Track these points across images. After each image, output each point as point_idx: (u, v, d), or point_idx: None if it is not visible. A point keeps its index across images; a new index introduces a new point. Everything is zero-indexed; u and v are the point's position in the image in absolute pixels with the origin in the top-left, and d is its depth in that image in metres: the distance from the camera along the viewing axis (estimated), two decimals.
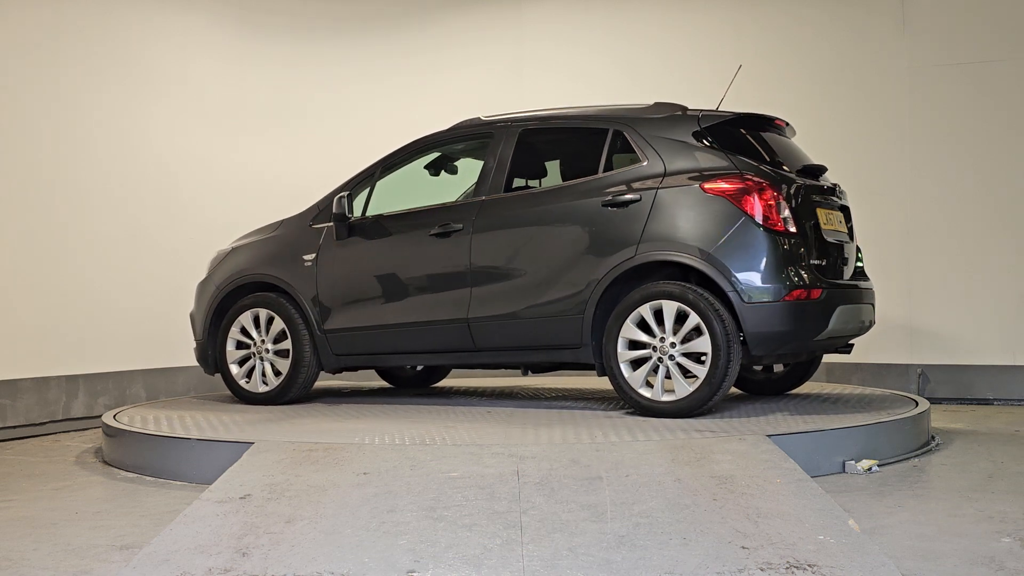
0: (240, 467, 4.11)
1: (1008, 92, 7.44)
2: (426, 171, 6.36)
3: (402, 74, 8.56)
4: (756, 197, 5.14)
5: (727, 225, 5.14)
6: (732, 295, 5.07)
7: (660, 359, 5.18)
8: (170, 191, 7.69)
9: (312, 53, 8.46)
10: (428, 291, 5.76)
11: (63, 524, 4.00)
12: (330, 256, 6.01)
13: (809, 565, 2.94)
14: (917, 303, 7.65)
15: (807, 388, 6.62)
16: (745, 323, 5.07)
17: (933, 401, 6.97)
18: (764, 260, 5.09)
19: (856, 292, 5.56)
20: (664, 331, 5.16)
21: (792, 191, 5.31)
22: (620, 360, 5.24)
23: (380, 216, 6.00)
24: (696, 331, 5.11)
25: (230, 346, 6.21)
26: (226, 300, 6.28)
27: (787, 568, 2.92)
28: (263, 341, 6.13)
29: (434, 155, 6.32)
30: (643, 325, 5.23)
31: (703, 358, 5.12)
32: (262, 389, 6.12)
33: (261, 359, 6.14)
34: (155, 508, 4.23)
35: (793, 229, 5.19)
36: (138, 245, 7.43)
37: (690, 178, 5.29)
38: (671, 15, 8.36)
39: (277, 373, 6.10)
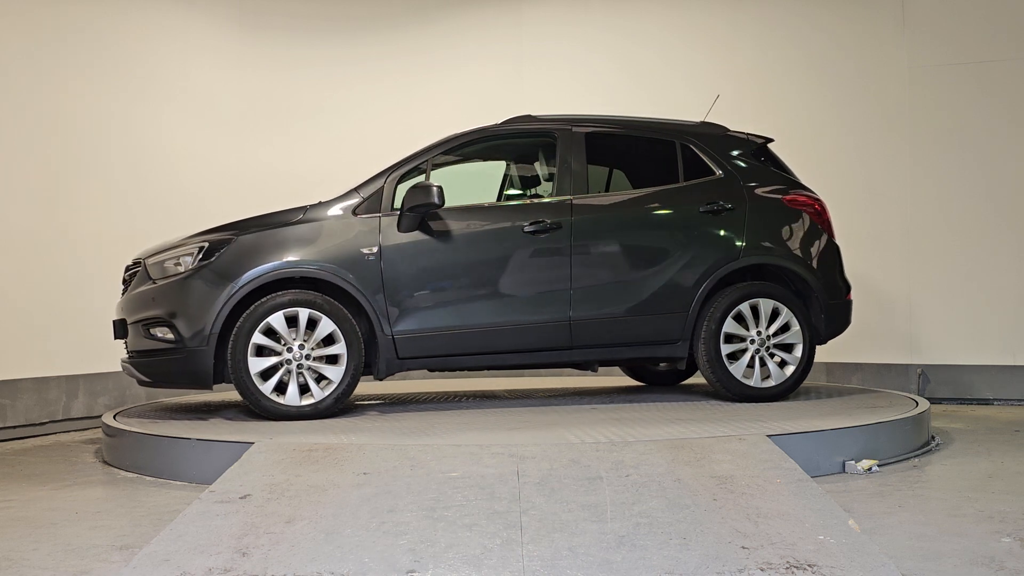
0: (240, 467, 4.11)
1: (1008, 92, 7.44)
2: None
3: (402, 74, 8.55)
4: (824, 211, 6.10)
5: (808, 235, 6.00)
6: (820, 295, 5.92)
7: (757, 350, 5.79)
8: (172, 191, 7.69)
9: (313, 53, 8.46)
10: (526, 290, 5.61)
11: (63, 524, 4.00)
12: (399, 250, 5.47)
13: (809, 565, 2.94)
14: (917, 303, 7.65)
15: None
16: (828, 318, 5.96)
17: (933, 401, 6.98)
18: (836, 265, 6.08)
19: None
20: (760, 326, 5.79)
21: None
22: (723, 353, 5.74)
23: (456, 209, 5.65)
24: (784, 326, 5.82)
25: (250, 353, 5.27)
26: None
27: (787, 568, 2.92)
28: (301, 346, 5.32)
29: (484, 147, 6.20)
30: (735, 321, 5.82)
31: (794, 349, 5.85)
32: (307, 402, 5.30)
33: (299, 367, 5.32)
34: (155, 508, 4.23)
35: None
36: (140, 245, 7.41)
37: (764, 192, 6.01)
38: (671, 14, 8.36)
39: (319, 381, 5.34)
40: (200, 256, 5.40)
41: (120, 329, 5.61)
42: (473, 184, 6.54)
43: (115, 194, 7.37)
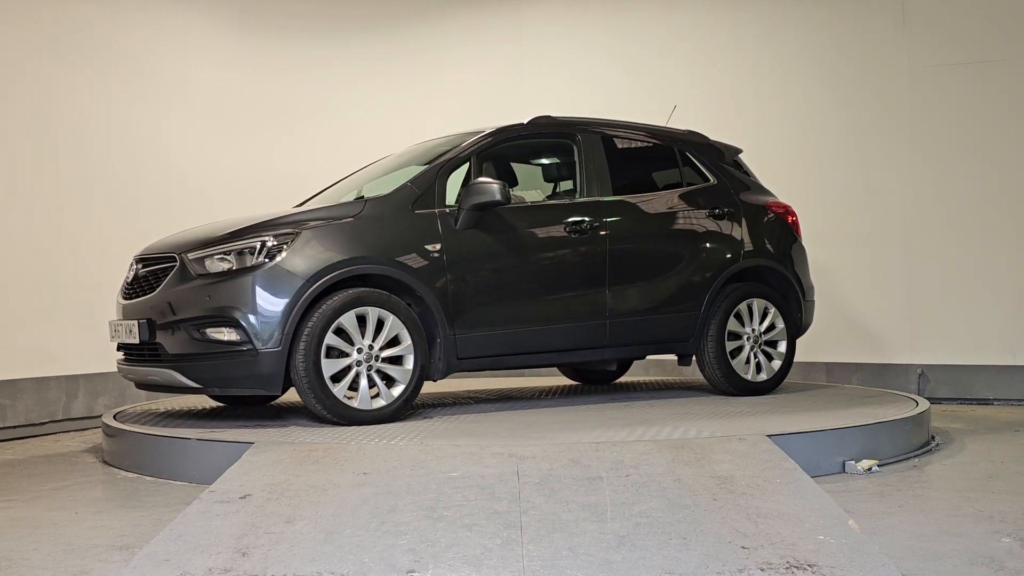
0: (240, 467, 4.11)
1: (1008, 92, 7.43)
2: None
3: (402, 74, 8.56)
4: (796, 216, 6.53)
5: (788, 239, 6.43)
6: (800, 295, 6.37)
7: (752, 347, 6.17)
8: (172, 191, 7.68)
9: (313, 53, 8.46)
10: (571, 288, 5.70)
11: (63, 524, 4.00)
12: (460, 247, 5.36)
13: (809, 565, 2.94)
14: (917, 303, 7.64)
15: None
16: (805, 316, 6.44)
17: (933, 401, 6.97)
18: (807, 267, 6.52)
19: None
20: (753, 323, 6.17)
21: None
22: (727, 350, 6.07)
23: (507, 207, 5.54)
24: (772, 324, 6.22)
25: (322, 355, 4.99)
26: None
27: (787, 568, 2.92)
28: (371, 346, 5.10)
29: (514, 145, 6.10)
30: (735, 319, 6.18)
31: (778, 346, 6.28)
32: (378, 405, 5.10)
33: (369, 368, 5.11)
34: (155, 508, 4.23)
35: None
36: (140, 245, 7.40)
37: (752, 198, 6.37)
38: (671, 14, 8.36)
39: (387, 382, 5.15)
40: (263, 251, 5.00)
41: (147, 331, 5.13)
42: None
43: (115, 194, 7.37)
